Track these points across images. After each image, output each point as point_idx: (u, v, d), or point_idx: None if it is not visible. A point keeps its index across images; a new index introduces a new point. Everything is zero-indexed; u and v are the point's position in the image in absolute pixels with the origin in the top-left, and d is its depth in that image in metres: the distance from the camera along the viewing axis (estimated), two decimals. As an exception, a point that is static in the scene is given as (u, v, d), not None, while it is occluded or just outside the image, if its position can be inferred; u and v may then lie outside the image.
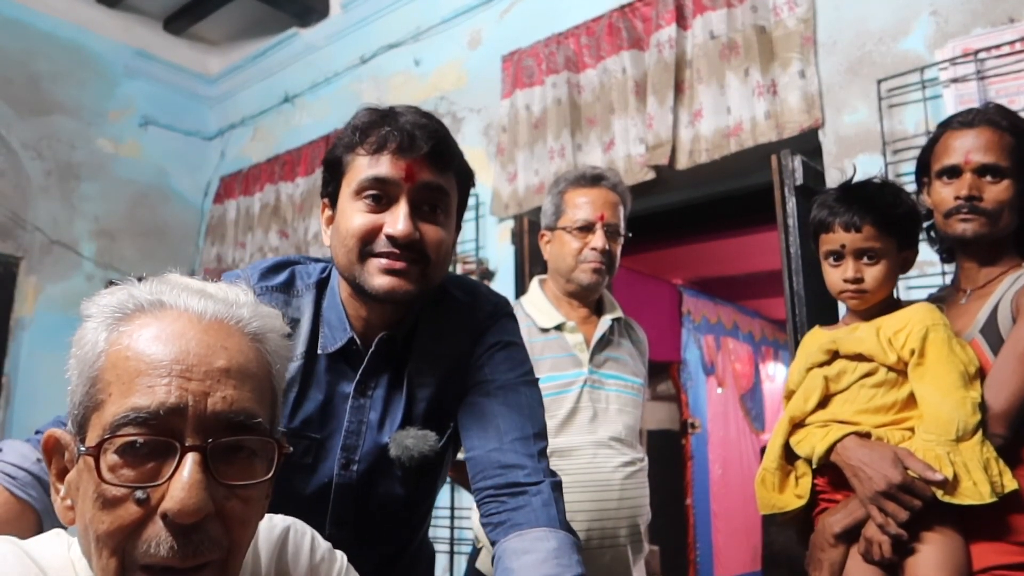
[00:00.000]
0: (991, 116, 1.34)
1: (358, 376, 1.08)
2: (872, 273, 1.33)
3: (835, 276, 1.36)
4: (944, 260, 1.51)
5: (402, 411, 1.10)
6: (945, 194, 1.34)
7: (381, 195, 1.00)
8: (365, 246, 0.99)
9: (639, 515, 1.68)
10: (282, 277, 1.10)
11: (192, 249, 4.58)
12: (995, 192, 1.31)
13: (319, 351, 1.08)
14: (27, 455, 0.92)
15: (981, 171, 1.31)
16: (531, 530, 0.97)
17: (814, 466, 1.29)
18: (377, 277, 0.99)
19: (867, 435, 1.26)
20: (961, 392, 1.20)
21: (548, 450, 1.60)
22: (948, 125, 1.38)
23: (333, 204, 1.06)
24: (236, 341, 0.65)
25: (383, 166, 0.99)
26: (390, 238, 0.98)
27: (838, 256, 1.35)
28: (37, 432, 0.97)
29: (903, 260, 1.37)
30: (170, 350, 0.61)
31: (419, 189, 1.00)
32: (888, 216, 1.33)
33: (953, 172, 1.34)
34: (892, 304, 1.37)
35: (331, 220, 1.07)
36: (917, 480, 1.16)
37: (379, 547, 1.13)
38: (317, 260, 1.17)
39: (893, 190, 1.39)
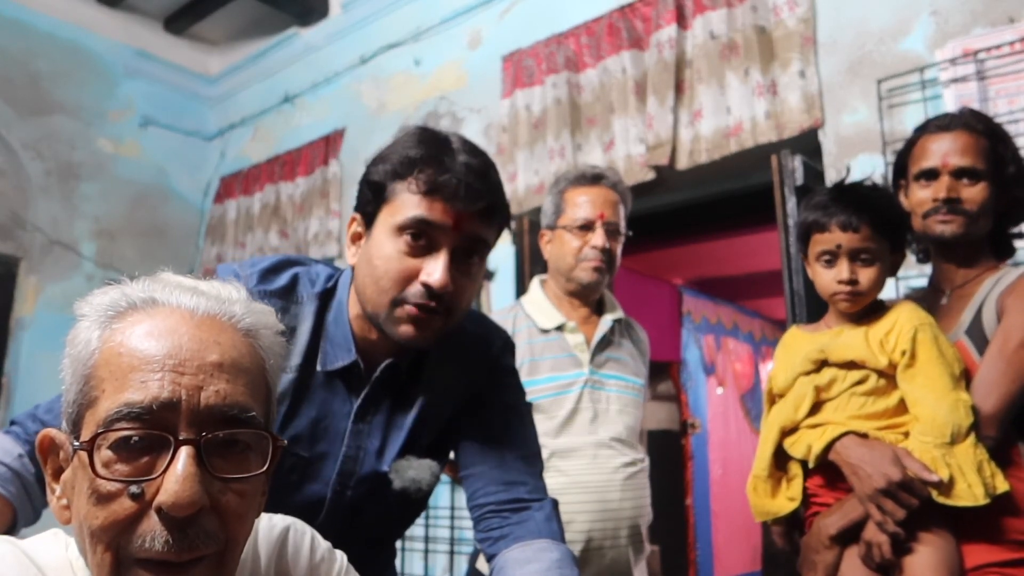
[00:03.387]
0: (967, 120, 1.37)
1: (360, 401, 1.05)
2: (867, 275, 1.32)
3: (828, 277, 1.35)
4: (920, 261, 1.53)
5: (403, 439, 1.08)
6: (923, 196, 1.37)
7: (424, 237, 0.96)
8: (400, 292, 0.96)
9: (640, 516, 1.68)
10: (283, 281, 1.05)
11: (192, 249, 4.58)
12: (972, 194, 1.33)
13: (318, 367, 1.04)
14: (9, 450, 0.92)
15: (958, 174, 1.34)
16: (534, 541, 0.98)
17: (811, 464, 1.29)
18: (403, 325, 0.97)
19: (864, 435, 1.26)
20: (953, 394, 1.20)
21: (549, 451, 1.62)
22: (925, 129, 1.41)
23: (367, 224, 1.01)
24: (229, 336, 0.64)
25: (434, 211, 0.95)
26: (425, 286, 0.95)
27: (832, 257, 1.34)
28: (12, 423, 0.97)
29: (893, 263, 1.37)
30: (163, 345, 0.61)
31: (463, 239, 0.97)
32: (883, 217, 1.33)
33: (931, 175, 1.36)
34: (877, 306, 1.37)
35: (359, 237, 1.03)
36: (916, 479, 1.17)
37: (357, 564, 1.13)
38: (319, 262, 1.13)
39: (885, 192, 1.40)
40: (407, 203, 0.96)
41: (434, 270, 0.95)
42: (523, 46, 3.04)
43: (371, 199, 1.00)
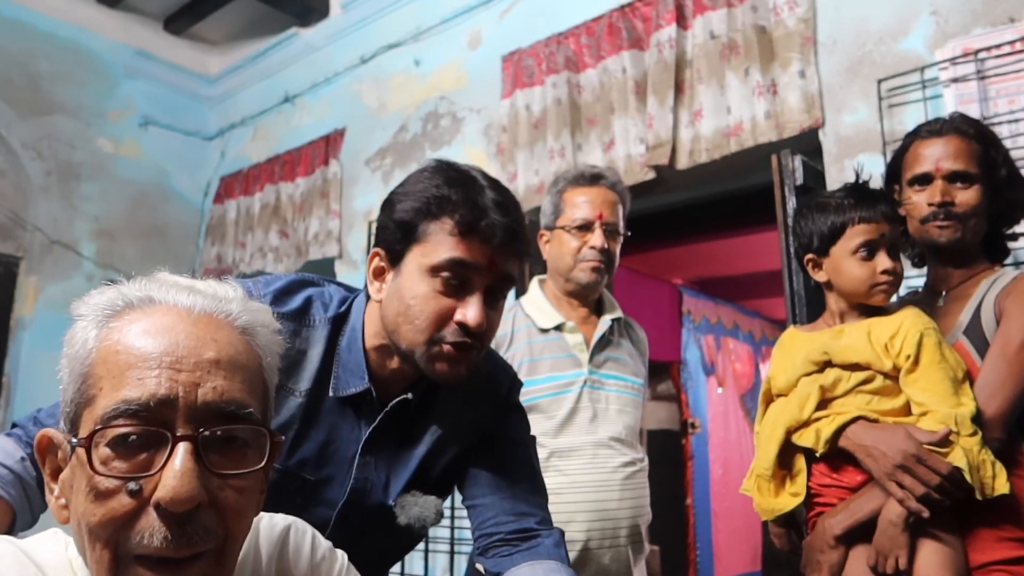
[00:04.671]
0: (958, 125, 1.39)
1: (369, 432, 1.05)
2: (900, 265, 1.34)
3: (866, 270, 1.33)
4: (916, 264, 1.54)
5: (410, 474, 1.09)
6: (917, 201, 1.38)
7: (459, 278, 0.97)
8: (436, 331, 0.97)
9: (640, 515, 1.68)
10: (296, 303, 1.04)
11: (192, 249, 4.58)
12: (966, 197, 1.35)
13: (330, 393, 1.04)
14: (11, 452, 0.92)
15: (951, 178, 1.35)
16: (544, 561, 1.01)
17: (820, 451, 1.29)
18: (440, 363, 0.98)
19: (875, 421, 1.27)
20: (953, 399, 1.22)
21: (548, 451, 1.63)
22: (917, 134, 1.42)
23: (392, 261, 1.01)
24: (226, 334, 0.65)
25: (471, 252, 0.96)
26: (461, 325, 0.96)
27: (872, 249, 1.33)
28: (14, 426, 0.97)
29: None
30: (159, 343, 0.61)
31: (496, 277, 0.99)
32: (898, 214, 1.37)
33: (924, 180, 1.38)
34: (877, 306, 1.38)
35: (382, 273, 1.03)
36: (932, 451, 1.17)
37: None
38: (332, 282, 1.13)
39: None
40: (443, 244, 0.97)
41: (470, 311, 0.96)
42: (523, 46, 3.04)
43: (400, 238, 1.00)
